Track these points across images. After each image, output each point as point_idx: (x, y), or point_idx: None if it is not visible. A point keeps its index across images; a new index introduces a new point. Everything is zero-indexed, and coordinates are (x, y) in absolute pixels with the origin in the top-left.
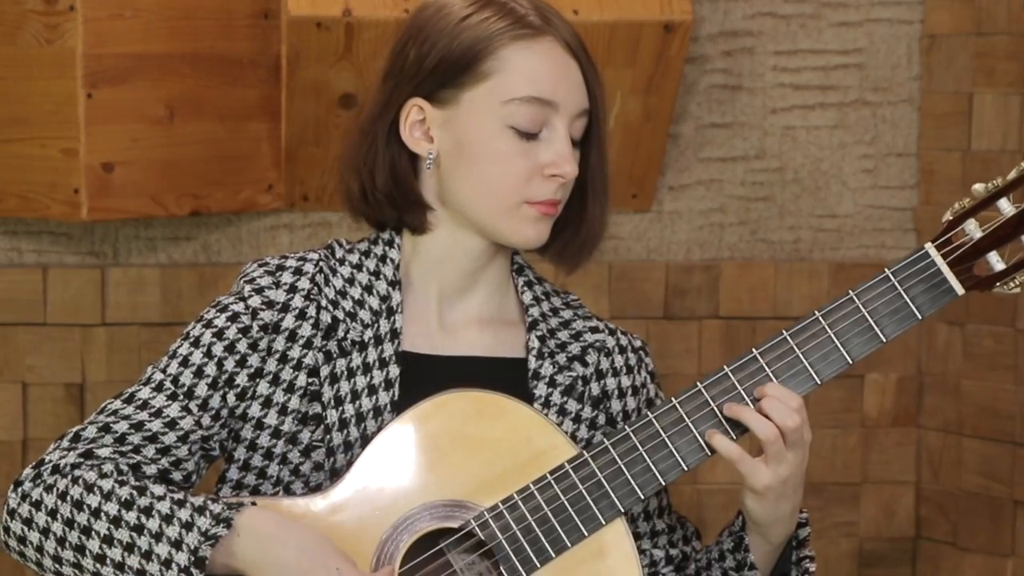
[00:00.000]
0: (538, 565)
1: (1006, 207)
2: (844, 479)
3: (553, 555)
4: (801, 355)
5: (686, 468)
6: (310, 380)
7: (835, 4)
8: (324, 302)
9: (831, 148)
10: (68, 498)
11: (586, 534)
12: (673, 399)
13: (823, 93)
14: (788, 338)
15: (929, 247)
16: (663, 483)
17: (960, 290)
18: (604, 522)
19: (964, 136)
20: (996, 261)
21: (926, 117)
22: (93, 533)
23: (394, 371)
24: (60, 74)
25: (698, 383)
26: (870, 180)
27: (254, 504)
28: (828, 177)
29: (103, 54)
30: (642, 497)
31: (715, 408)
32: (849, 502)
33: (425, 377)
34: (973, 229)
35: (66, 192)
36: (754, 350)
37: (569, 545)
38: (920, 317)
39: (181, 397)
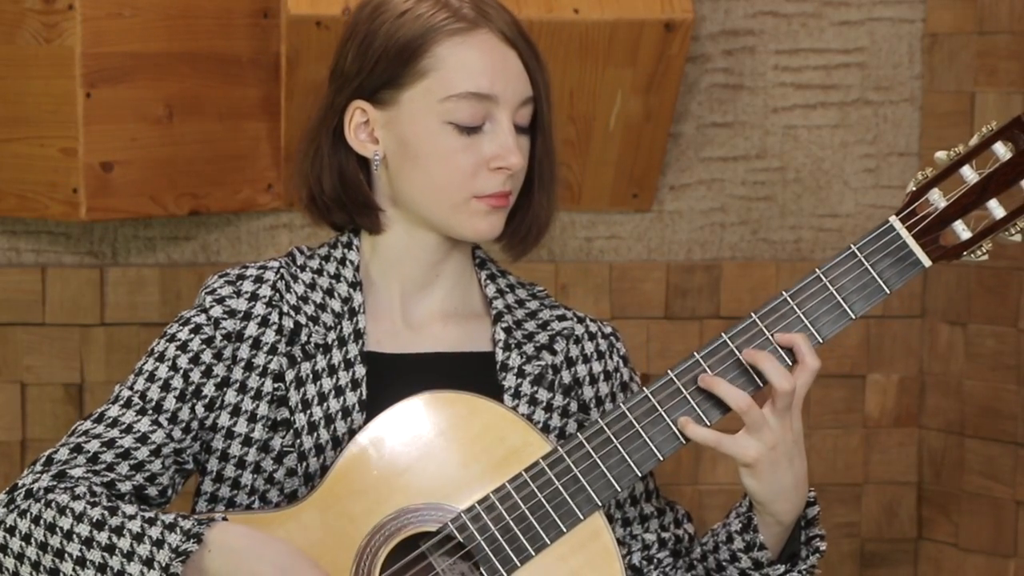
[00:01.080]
0: (518, 564)
1: (969, 175)
2: (846, 479)
3: (533, 553)
4: (771, 337)
5: (661, 458)
6: (276, 385)
7: (836, 3)
8: (286, 308)
9: (832, 147)
10: (41, 521)
11: (565, 530)
12: (645, 389)
13: (824, 92)
14: (757, 320)
15: (893, 220)
16: (639, 474)
17: (927, 262)
18: (582, 517)
19: (966, 136)
20: (962, 230)
21: (928, 116)
22: (66, 555)
23: (360, 371)
24: (59, 73)
25: (669, 371)
26: (872, 180)
27: (225, 519)
28: (829, 177)
29: (102, 53)
30: (619, 490)
31: (687, 396)
32: (851, 502)
33: (393, 376)
34: (937, 199)
35: (65, 192)
36: (723, 335)
37: (548, 542)
38: (888, 291)
39: (150, 412)
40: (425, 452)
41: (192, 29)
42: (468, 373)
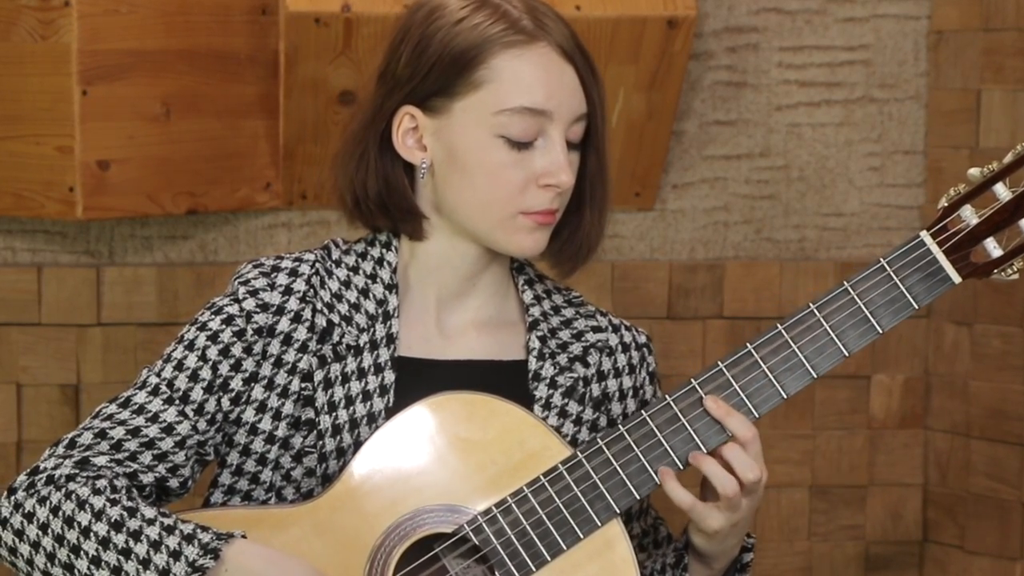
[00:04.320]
0: (533, 569)
1: (1002, 192)
2: (850, 481)
3: (549, 558)
4: (796, 349)
5: (682, 467)
6: (304, 385)
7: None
8: (319, 305)
9: (837, 146)
10: (60, 513)
11: (581, 536)
12: (667, 397)
13: (829, 90)
14: (783, 332)
15: (924, 235)
16: (658, 483)
17: (957, 278)
18: (599, 524)
19: (972, 133)
20: (993, 247)
21: (933, 114)
22: (82, 552)
23: (389, 377)
24: (55, 71)
25: (692, 380)
26: (876, 178)
27: (244, 536)
28: (834, 175)
29: (98, 50)
30: (637, 497)
31: None
32: (855, 504)
33: (422, 382)
34: (969, 215)
35: (61, 190)
36: (748, 344)
37: (565, 548)
38: (917, 307)
39: (177, 401)
40: (443, 453)
41: (190, 26)
42: (499, 382)
